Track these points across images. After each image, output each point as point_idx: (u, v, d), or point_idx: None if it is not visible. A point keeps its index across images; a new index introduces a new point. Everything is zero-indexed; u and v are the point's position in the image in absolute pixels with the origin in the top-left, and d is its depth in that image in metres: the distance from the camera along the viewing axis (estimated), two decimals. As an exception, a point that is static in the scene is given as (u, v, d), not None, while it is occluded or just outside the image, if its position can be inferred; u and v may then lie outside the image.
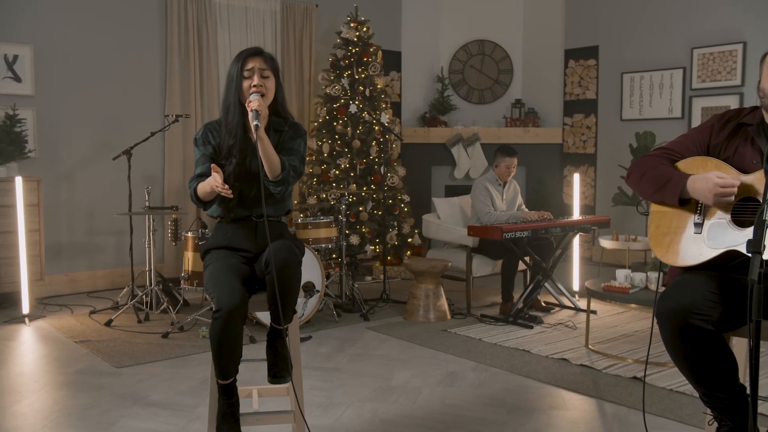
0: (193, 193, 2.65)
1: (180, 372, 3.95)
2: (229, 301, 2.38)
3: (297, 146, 2.71)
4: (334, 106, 6.79)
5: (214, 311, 2.40)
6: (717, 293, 2.15)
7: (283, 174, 2.60)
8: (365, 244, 6.64)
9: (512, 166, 5.54)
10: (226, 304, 2.38)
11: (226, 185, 2.48)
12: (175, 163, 6.48)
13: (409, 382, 3.80)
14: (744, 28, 6.42)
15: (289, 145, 2.71)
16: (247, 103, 2.58)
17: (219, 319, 2.38)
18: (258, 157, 2.53)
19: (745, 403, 2.22)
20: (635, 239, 6.10)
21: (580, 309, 5.37)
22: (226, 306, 2.37)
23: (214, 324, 2.40)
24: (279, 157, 2.61)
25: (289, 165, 2.62)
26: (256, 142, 2.55)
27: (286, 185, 2.63)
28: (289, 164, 2.62)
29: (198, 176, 2.67)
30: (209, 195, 2.61)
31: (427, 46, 8.36)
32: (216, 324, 2.39)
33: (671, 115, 6.95)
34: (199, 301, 5.55)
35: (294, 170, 2.64)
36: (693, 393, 3.55)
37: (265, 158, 2.55)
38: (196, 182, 2.64)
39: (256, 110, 2.52)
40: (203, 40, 6.54)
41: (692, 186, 2.26)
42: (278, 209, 2.75)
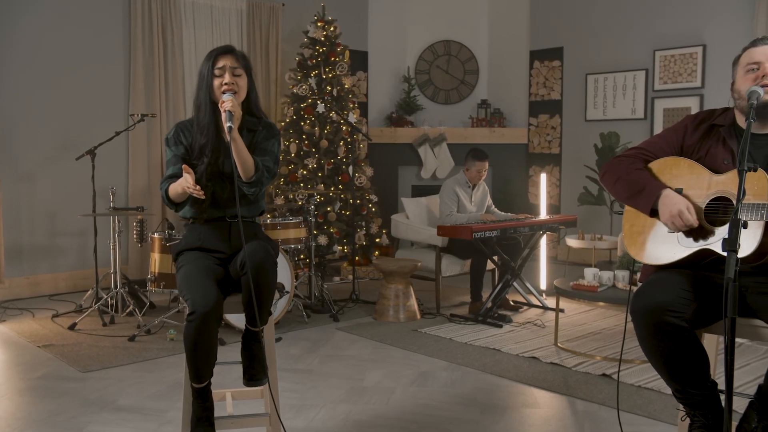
0: (164, 194, 2.61)
1: (148, 375, 3.88)
2: (204, 303, 2.35)
3: (271, 147, 2.68)
4: (302, 106, 6.76)
5: (188, 314, 2.36)
6: (690, 291, 2.19)
7: (257, 175, 2.57)
8: (333, 245, 6.62)
9: (483, 170, 5.58)
10: (200, 306, 2.34)
11: (198, 186, 2.44)
12: (139, 164, 6.37)
13: (381, 383, 3.79)
14: (704, 31, 6.57)
15: (262, 146, 2.68)
16: (220, 104, 2.54)
17: (193, 321, 2.34)
18: (231, 158, 2.49)
19: (717, 399, 2.26)
20: (601, 238, 6.20)
21: (548, 308, 5.42)
22: (200, 308, 2.34)
23: (188, 327, 2.36)
24: (253, 158, 2.58)
25: (263, 166, 2.60)
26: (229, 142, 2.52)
27: (260, 186, 2.61)
28: (262, 165, 2.60)
29: (169, 177, 2.63)
30: (181, 196, 2.57)
31: (393, 46, 8.37)
32: (190, 327, 2.35)
33: (634, 116, 7.07)
34: (165, 303, 5.46)
35: (268, 171, 2.62)
36: (661, 389, 3.61)
37: (239, 159, 2.52)
38: (167, 183, 2.60)
39: (230, 111, 2.49)
40: (168, 39, 6.45)
41: (662, 200, 2.30)
42: (252, 210, 2.72)
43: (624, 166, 2.43)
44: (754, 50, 2.32)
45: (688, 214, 2.22)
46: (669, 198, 2.27)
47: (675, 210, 2.24)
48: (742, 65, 2.33)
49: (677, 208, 2.23)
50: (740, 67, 2.34)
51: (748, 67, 2.30)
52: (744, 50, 2.37)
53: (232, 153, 2.48)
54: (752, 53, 2.31)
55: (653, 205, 2.31)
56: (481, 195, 5.74)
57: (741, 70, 2.33)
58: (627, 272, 4.42)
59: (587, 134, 7.44)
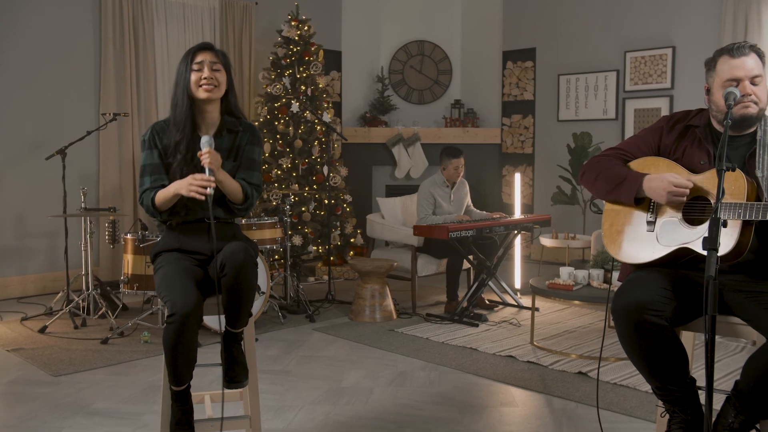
0: (150, 203, 2.55)
1: (123, 379, 3.82)
2: (184, 304, 2.32)
3: (257, 156, 2.69)
4: (275, 106, 6.71)
5: (168, 315, 2.33)
6: (670, 289, 2.22)
7: (248, 203, 2.63)
8: (308, 245, 6.59)
9: (460, 167, 5.59)
10: (180, 307, 2.31)
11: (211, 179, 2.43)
12: (111, 164, 6.27)
13: (360, 383, 3.78)
14: (673, 33, 6.67)
15: (248, 155, 2.67)
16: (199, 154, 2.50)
17: (173, 323, 2.31)
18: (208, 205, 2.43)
19: (696, 395, 2.30)
20: (574, 237, 6.26)
21: (523, 306, 5.46)
22: (180, 310, 2.31)
23: (168, 328, 2.33)
24: (239, 183, 2.60)
25: (251, 189, 2.63)
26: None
27: (251, 207, 2.66)
28: (251, 188, 2.63)
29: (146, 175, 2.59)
30: (171, 201, 2.54)
31: (367, 46, 8.36)
32: (170, 328, 2.32)
33: (606, 116, 7.15)
34: (139, 305, 5.39)
35: (257, 189, 2.66)
36: (637, 386, 3.66)
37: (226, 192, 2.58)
38: (152, 193, 2.56)
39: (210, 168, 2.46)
40: (139, 37, 6.36)
41: (647, 185, 2.32)
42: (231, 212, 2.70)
43: (603, 164, 2.46)
44: (733, 63, 2.29)
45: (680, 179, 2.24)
46: (653, 179, 2.29)
47: (665, 183, 2.26)
48: (721, 77, 2.31)
49: (666, 181, 2.25)
50: (718, 78, 2.32)
51: (727, 83, 2.29)
52: (719, 55, 2.34)
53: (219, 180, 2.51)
54: (732, 67, 2.28)
55: (637, 193, 2.33)
56: (460, 194, 5.73)
57: (719, 80, 2.32)
58: (602, 271, 4.47)
59: (560, 134, 7.51)
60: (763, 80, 2.31)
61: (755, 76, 2.29)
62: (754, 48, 2.33)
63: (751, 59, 2.30)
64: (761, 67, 2.32)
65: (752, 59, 2.31)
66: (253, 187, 2.64)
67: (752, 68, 2.29)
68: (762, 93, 2.30)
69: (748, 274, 2.25)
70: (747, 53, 2.30)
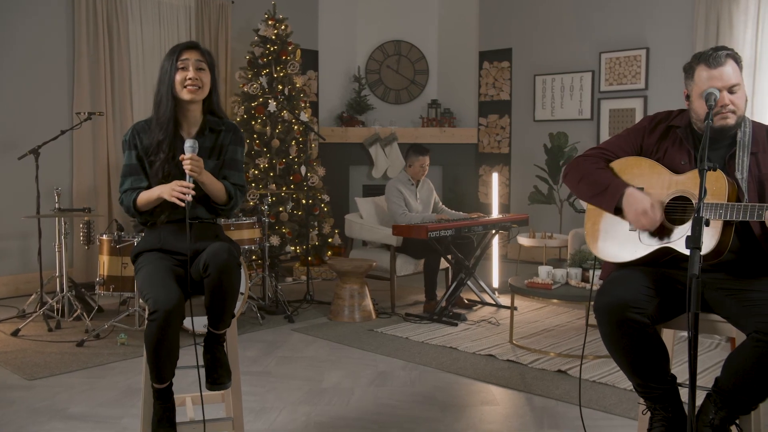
0: (131, 204, 2.55)
1: (100, 382, 3.77)
2: (167, 300, 2.30)
3: (239, 156, 2.69)
4: (252, 105, 6.67)
5: (151, 312, 2.30)
6: (652, 287, 2.24)
7: (232, 202, 2.63)
8: (286, 245, 6.55)
9: (426, 165, 5.62)
10: (162, 303, 2.29)
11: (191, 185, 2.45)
12: (85, 164, 6.18)
13: (341, 383, 3.77)
14: (647, 35, 6.75)
15: (231, 155, 2.67)
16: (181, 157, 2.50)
17: (156, 320, 2.28)
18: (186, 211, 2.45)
19: (677, 393, 2.33)
20: (551, 236, 6.31)
21: (502, 305, 5.49)
22: (163, 306, 2.28)
23: (150, 325, 2.31)
24: (222, 184, 2.59)
25: (235, 190, 2.62)
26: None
27: (236, 207, 2.66)
28: (235, 189, 2.63)
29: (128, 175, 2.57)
30: (152, 204, 2.54)
31: (343, 46, 8.34)
32: (153, 325, 2.30)
33: (581, 117, 7.22)
34: (115, 306, 5.32)
35: (241, 190, 2.65)
36: (615, 384, 3.70)
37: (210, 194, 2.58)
38: (134, 194, 2.56)
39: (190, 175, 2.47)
40: (114, 35, 6.27)
41: (626, 200, 2.34)
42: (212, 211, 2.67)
43: (587, 166, 2.47)
44: (711, 73, 2.27)
45: (652, 213, 2.27)
46: (633, 197, 2.32)
47: (640, 208, 2.29)
48: (699, 87, 2.30)
49: (642, 207, 2.28)
50: (696, 87, 2.32)
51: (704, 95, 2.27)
52: (697, 63, 2.32)
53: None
54: (710, 78, 2.27)
55: (617, 204, 2.36)
56: (426, 192, 5.77)
57: (697, 90, 2.31)
58: (579, 270, 4.51)
59: (536, 134, 7.57)
60: (740, 88, 2.30)
61: (733, 86, 2.28)
62: (731, 54, 2.31)
63: (729, 67, 2.29)
64: (739, 74, 2.32)
65: (730, 67, 2.29)
66: (237, 188, 2.64)
67: (730, 78, 2.28)
68: (740, 101, 2.30)
69: (728, 272, 2.28)
70: (724, 62, 2.28)
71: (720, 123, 2.28)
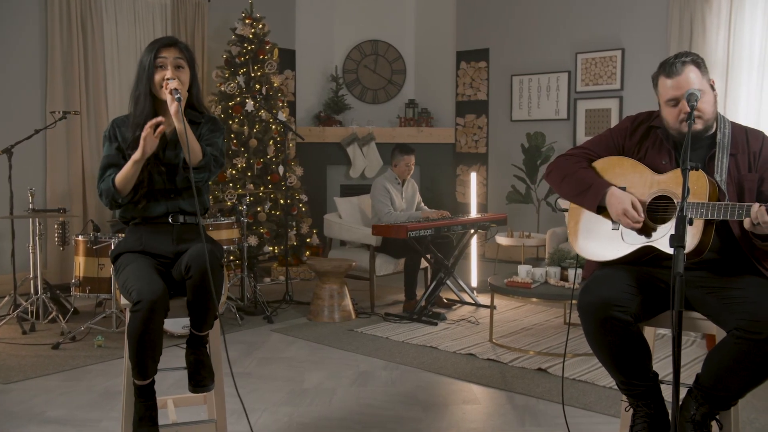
0: (111, 184, 2.47)
1: (77, 384, 3.71)
2: (151, 291, 2.27)
3: (216, 138, 2.62)
4: (230, 104, 6.62)
5: (135, 303, 2.27)
6: (634, 285, 2.27)
7: (204, 159, 2.50)
8: (264, 245, 6.52)
9: (411, 164, 5.64)
10: (147, 294, 2.26)
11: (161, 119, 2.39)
12: (59, 164, 6.08)
13: (322, 384, 3.76)
14: (622, 36, 6.83)
15: (207, 137, 2.60)
16: (165, 85, 2.45)
17: (140, 311, 2.25)
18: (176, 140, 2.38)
19: (658, 389, 2.35)
20: (529, 236, 6.35)
21: (481, 305, 5.51)
22: (147, 296, 2.25)
23: (134, 317, 2.28)
24: (199, 144, 2.52)
25: (209, 152, 2.54)
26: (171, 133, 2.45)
27: (208, 173, 2.53)
28: (209, 151, 2.54)
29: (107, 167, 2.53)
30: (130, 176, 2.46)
31: (321, 45, 8.32)
32: (136, 317, 2.26)
33: (558, 117, 7.28)
34: (90, 308, 5.24)
35: (215, 159, 2.55)
36: (595, 381, 3.73)
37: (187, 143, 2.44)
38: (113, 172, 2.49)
39: (176, 89, 2.40)
40: (88, 33, 6.18)
41: (609, 199, 2.37)
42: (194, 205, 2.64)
43: (569, 165, 2.49)
44: (669, 83, 2.29)
45: (634, 212, 2.30)
46: (615, 196, 2.34)
47: (621, 208, 2.31)
48: (662, 96, 2.34)
49: (624, 205, 2.31)
50: (660, 96, 2.36)
51: (668, 103, 2.33)
52: (658, 74, 2.35)
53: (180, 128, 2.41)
54: (668, 88, 2.29)
55: (600, 203, 2.38)
56: (411, 191, 5.79)
57: (661, 100, 2.36)
58: (558, 268, 4.54)
59: (513, 134, 7.61)
60: (705, 93, 2.29)
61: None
62: (692, 60, 2.31)
63: (688, 74, 2.28)
64: (701, 80, 2.30)
65: (690, 74, 2.28)
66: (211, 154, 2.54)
67: (689, 85, 2.27)
68: (706, 105, 2.29)
69: (709, 270, 2.32)
70: (681, 71, 2.28)
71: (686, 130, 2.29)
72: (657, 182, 2.35)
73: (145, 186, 2.53)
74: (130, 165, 2.44)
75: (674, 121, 2.34)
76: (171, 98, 2.41)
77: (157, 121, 2.40)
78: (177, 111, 2.40)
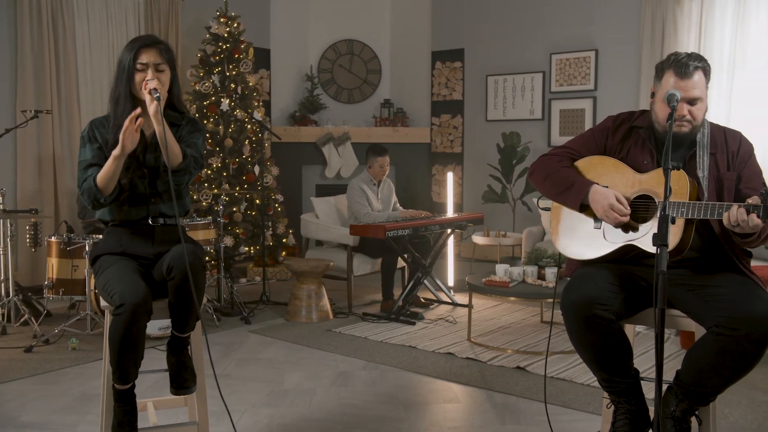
0: (93, 183, 2.43)
1: (52, 388, 3.65)
2: (134, 294, 2.24)
3: (196, 139, 2.59)
4: (205, 104, 6.56)
5: (117, 306, 2.24)
6: (617, 284, 2.30)
7: (184, 162, 2.47)
8: (240, 246, 6.47)
9: (386, 165, 5.64)
10: (130, 297, 2.23)
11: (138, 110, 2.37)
12: (29, 164, 5.97)
13: (302, 385, 3.75)
14: (595, 37, 6.90)
15: (187, 139, 2.57)
16: (144, 85, 2.42)
17: (123, 314, 2.22)
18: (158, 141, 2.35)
19: (639, 386, 2.39)
20: (505, 235, 6.39)
21: (458, 304, 5.53)
22: (130, 299, 2.22)
23: (116, 320, 2.24)
24: (180, 146, 2.48)
25: (189, 153, 2.50)
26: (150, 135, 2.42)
27: (188, 175, 2.51)
28: (190, 154, 2.50)
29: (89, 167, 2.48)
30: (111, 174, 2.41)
31: (295, 45, 8.28)
32: (119, 320, 2.23)
33: (532, 117, 7.33)
34: (63, 310, 5.16)
35: (195, 161, 2.52)
36: (573, 379, 3.77)
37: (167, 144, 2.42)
38: (94, 172, 2.44)
39: (155, 89, 2.37)
40: (59, 31, 6.07)
41: (592, 197, 2.38)
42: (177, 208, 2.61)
43: (552, 164, 2.51)
44: (678, 83, 2.30)
45: (620, 205, 2.31)
46: (598, 193, 2.36)
47: (606, 203, 2.32)
48: (664, 90, 2.33)
49: (608, 201, 2.32)
50: (661, 91, 2.35)
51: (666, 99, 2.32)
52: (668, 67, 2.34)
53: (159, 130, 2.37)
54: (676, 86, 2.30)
55: (583, 201, 2.40)
56: (387, 192, 5.79)
57: (661, 94, 2.35)
58: (536, 267, 4.58)
59: (488, 134, 7.65)
60: (702, 101, 2.33)
61: (695, 99, 2.31)
62: (702, 66, 2.33)
63: (696, 79, 2.31)
64: (703, 87, 2.33)
65: (697, 79, 2.31)
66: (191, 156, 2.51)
67: (694, 91, 2.30)
68: (698, 112, 2.33)
69: (690, 269, 2.35)
70: (692, 74, 2.30)
71: (675, 130, 2.32)
72: (639, 181, 2.38)
73: (127, 190, 2.50)
74: (111, 162, 2.40)
75: (665, 118, 2.33)
76: (150, 98, 2.39)
77: (136, 113, 2.36)
78: (156, 111, 2.37)
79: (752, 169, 2.39)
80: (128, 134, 2.35)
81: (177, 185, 2.49)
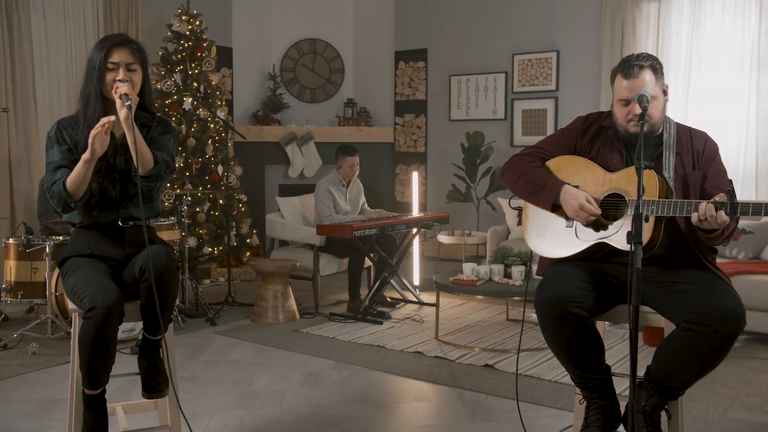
0: (62, 187, 2.36)
1: (13, 394, 3.55)
2: (105, 297, 2.19)
3: (167, 141, 2.55)
4: (166, 102, 6.46)
5: (88, 310, 2.20)
6: (589, 281, 2.33)
7: (156, 168, 2.42)
8: (203, 246, 6.39)
9: (355, 165, 5.63)
10: (101, 300, 2.18)
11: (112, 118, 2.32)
12: (-17, 163, 5.80)
13: (271, 386, 3.72)
14: (557, 38, 7.00)
15: (158, 140, 2.53)
16: (114, 89, 2.36)
17: (94, 317, 2.17)
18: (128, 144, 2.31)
19: (611, 382, 2.43)
20: (470, 234, 6.44)
21: (424, 303, 5.56)
22: (101, 302, 2.18)
23: (86, 324, 2.19)
24: (151, 151, 2.43)
25: (161, 159, 2.45)
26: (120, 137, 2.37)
27: (160, 181, 2.47)
28: (161, 158, 2.45)
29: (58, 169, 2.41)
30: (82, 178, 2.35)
31: (258, 43, 8.21)
32: (90, 324, 2.18)
33: (495, 116, 7.41)
34: (21, 314, 5.02)
35: (167, 165, 2.48)
36: (540, 376, 3.82)
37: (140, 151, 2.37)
38: (64, 175, 2.37)
39: (126, 94, 2.33)
40: (14, 27, 5.91)
41: (563, 197, 2.42)
42: (147, 211, 2.57)
43: (524, 164, 2.54)
44: (624, 84, 2.35)
45: (590, 205, 2.36)
46: (569, 193, 2.40)
47: (576, 204, 2.37)
48: (616, 95, 2.41)
49: (578, 202, 2.36)
50: (615, 93, 2.43)
51: (619, 102, 2.40)
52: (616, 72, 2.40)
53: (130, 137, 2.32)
54: (622, 88, 2.36)
55: (554, 201, 2.43)
56: (356, 193, 5.78)
57: (615, 97, 2.42)
58: (502, 266, 4.62)
59: (452, 133, 7.70)
60: (656, 99, 2.36)
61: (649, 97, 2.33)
62: (650, 64, 2.37)
63: (644, 78, 2.34)
64: (654, 84, 2.37)
65: (646, 77, 2.35)
66: (163, 161, 2.47)
67: (642, 88, 2.32)
68: (654, 110, 2.36)
69: (660, 265, 2.40)
70: (637, 74, 2.34)
71: (633, 130, 2.38)
72: (609, 180, 2.42)
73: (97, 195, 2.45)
74: (81, 165, 2.34)
75: (622, 119, 2.42)
76: (120, 103, 2.34)
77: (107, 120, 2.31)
78: (126, 117, 2.32)
79: (717, 168, 2.46)
80: (98, 138, 2.29)
81: (149, 190, 2.45)
